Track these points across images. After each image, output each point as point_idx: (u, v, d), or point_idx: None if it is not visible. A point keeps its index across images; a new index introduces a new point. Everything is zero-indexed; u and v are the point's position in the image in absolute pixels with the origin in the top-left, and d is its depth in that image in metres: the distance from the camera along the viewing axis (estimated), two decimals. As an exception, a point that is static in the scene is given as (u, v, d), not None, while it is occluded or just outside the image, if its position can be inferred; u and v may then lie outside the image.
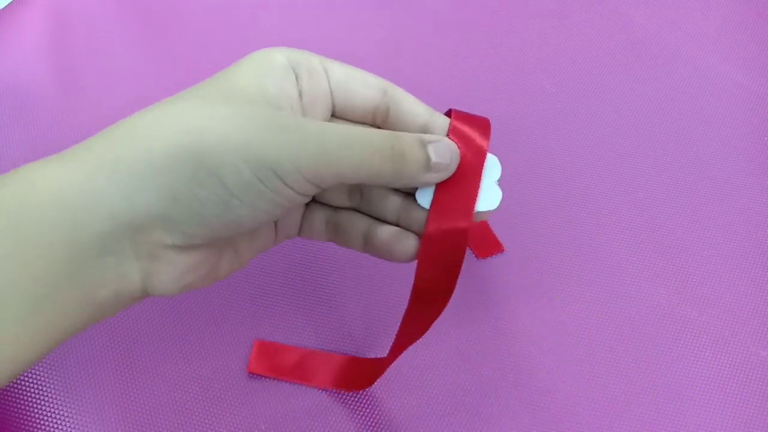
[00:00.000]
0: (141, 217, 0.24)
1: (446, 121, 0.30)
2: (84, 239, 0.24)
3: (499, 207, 0.30)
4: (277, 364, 0.37)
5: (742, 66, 0.48)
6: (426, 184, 0.29)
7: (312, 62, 0.29)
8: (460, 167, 0.29)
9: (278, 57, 0.28)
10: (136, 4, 0.49)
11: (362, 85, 0.29)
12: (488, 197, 0.29)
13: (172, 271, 0.26)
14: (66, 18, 0.48)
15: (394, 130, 0.30)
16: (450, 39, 0.49)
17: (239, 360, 0.38)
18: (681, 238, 0.42)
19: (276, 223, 0.32)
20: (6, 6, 0.48)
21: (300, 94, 0.28)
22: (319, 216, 0.32)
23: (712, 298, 0.40)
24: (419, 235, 0.29)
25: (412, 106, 0.30)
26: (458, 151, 0.29)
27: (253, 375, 0.37)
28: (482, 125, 0.31)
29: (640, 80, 0.48)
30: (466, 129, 0.30)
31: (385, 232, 0.30)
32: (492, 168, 0.30)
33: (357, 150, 0.26)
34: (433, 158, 0.28)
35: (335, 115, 0.30)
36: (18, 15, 0.48)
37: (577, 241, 0.42)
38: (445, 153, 0.28)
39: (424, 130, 0.30)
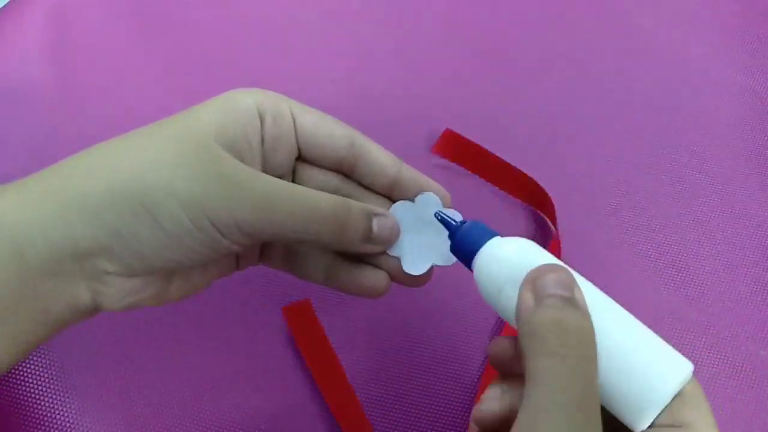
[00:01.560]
0: (84, 246, 0.25)
1: (414, 173, 0.31)
2: (31, 264, 0.25)
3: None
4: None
5: (742, 66, 0.48)
6: (364, 253, 0.29)
7: (280, 108, 0.29)
8: None
9: (247, 100, 0.28)
10: (136, 4, 0.49)
11: (329, 136, 0.30)
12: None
13: (116, 293, 0.27)
14: (65, 18, 0.48)
15: (362, 181, 0.31)
16: (449, 40, 0.49)
17: (240, 359, 0.38)
18: (681, 238, 0.42)
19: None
20: (5, 5, 0.48)
21: (262, 139, 0.29)
22: (277, 247, 0.32)
23: (712, 299, 0.40)
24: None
25: (380, 159, 0.30)
26: (399, 227, 0.29)
27: (253, 374, 0.37)
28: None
29: (641, 81, 0.48)
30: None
31: (351, 267, 0.30)
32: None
33: (302, 214, 0.27)
34: (375, 230, 0.28)
35: (302, 159, 0.31)
36: (17, 15, 0.48)
37: (576, 241, 0.42)
38: (387, 228, 0.29)
39: (393, 183, 0.30)
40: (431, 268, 0.30)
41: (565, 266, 0.24)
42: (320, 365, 0.37)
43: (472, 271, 0.27)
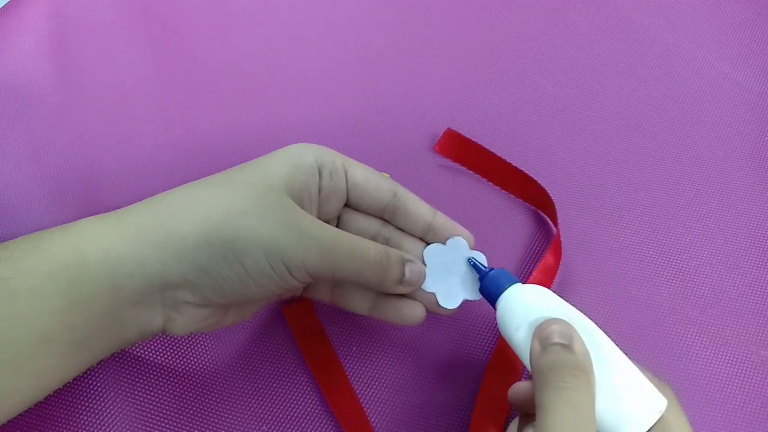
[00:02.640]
0: (173, 282, 0.30)
1: (446, 220, 0.35)
2: (122, 295, 0.29)
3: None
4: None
5: (743, 66, 0.48)
6: (396, 292, 0.34)
7: (336, 164, 0.34)
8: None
9: (308, 157, 0.33)
10: (136, 4, 0.49)
11: (376, 189, 0.34)
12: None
13: (187, 320, 0.31)
14: (66, 17, 0.48)
15: (400, 226, 0.35)
16: (450, 40, 0.49)
17: (242, 359, 0.38)
18: (682, 237, 0.42)
19: None
20: (5, 5, 0.48)
21: (320, 190, 0.33)
22: (326, 283, 0.36)
23: (713, 298, 0.41)
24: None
25: (418, 208, 0.35)
26: (425, 271, 0.34)
27: (256, 375, 0.37)
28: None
29: (641, 80, 0.48)
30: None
31: (393, 300, 0.35)
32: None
33: (356, 260, 0.31)
34: (407, 275, 0.33)
35: (349, 205, 0.35)
36: (18, 14, 0.48)
37: (577, 241, 0.42)
38: (416, 273, 0.34)
39: (428, 228, 0.35)
40: (462, 302, 0.35)
41: (572, 315, 0.30)
42: (321, 364, 0.37)
43: (495, 309, 0.32)
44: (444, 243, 0.35)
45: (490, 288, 0.33)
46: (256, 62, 0.47)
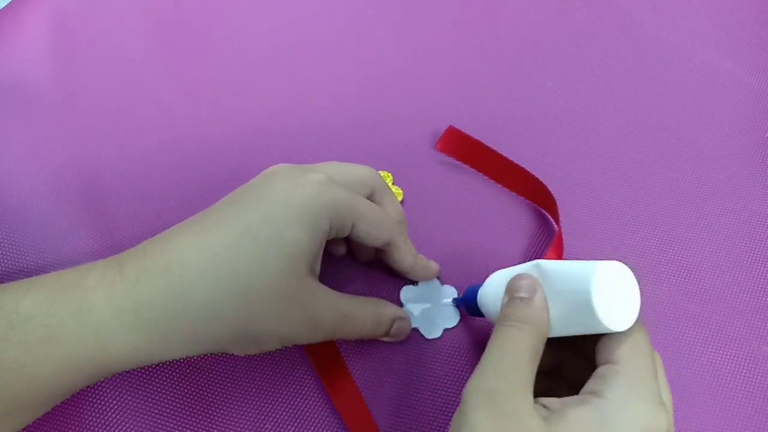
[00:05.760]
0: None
1: (427, 264, 0.39)
2: (109, 360, 0.31)
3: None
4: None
5: (744, 63, 0.49)
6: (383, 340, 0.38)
7: (346, 224, 0.34)
8: None
9: (324, 222, 0.32)
10: (137, 5, 0.49)
11: (375, 239, 0.35)
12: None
13: None
14: (66, 18, 0.48)
15: (390, 261, 0.38)
16: (451, 39, 0.49)
17: (246, 358, 0.38)
18: (683, 234, 0.42)
19: None
20: (6, 5, 0.48)
21: (328, 233, 0.33)
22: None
23: (715, 294, 0.41)
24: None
25: (404, 254, 0.37)
26: (410, 325, 0.38)
27: (260, 374, 0.37)
28: None
29: (642, 78, 0.48)
30: None
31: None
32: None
33: (355, 324, 0.35)
34: (393, 330, 0.37)
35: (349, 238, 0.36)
36: (19, 15, 0.48)
37: (579, 238, 0.42)
38: (402, 329, 0.37)
39: (408, 269, 0.38)
40: (443, 331, 0.39)
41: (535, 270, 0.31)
42: (325, 362, 0.37)
43: (483, 316, 0.35)
44: (415, 284, 0.40)
45: (470, 297, 0.36)
46: (259, 62, 0.47)
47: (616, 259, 0.30)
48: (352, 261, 0.40)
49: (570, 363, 0.33)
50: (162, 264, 0.30)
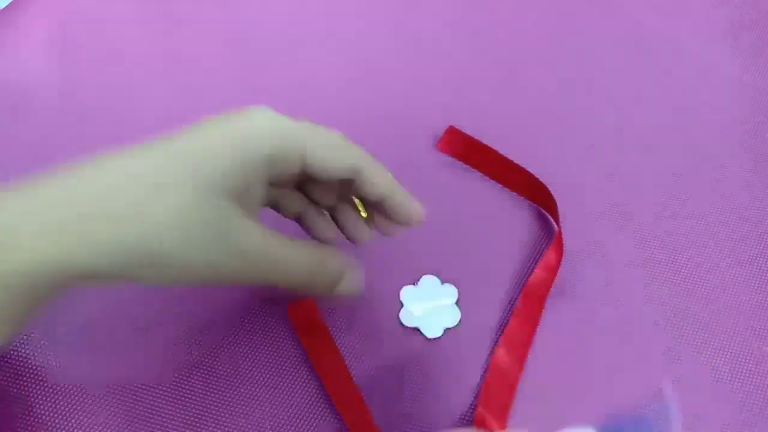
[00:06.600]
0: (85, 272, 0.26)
1: (403, 198, 0.33)
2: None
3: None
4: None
5: (744, 63, 0.49)
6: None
7: (295, 152, 0.29)
8: None
9: (263, 147, 0.28)
10: (138, 5, 0.49)
11: (338, 165, 0.30)
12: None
13: None
14: (67, 18, 0.48)
15: (363, 193, 0.32)
16: (452, 38, 0.49)
17: (246, 358, 0.38)
18: (683, 233, 0.42)
19: None
20: (7, 6, 0.48)
21: (269, 163, 0.29)
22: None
23: (715, 294, 0.41)
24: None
25: (379, 175, 0.32)
26: (362, 286, 0.33)
27: (260, 373, 0.37)
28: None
29: (642, 77, 0.48)
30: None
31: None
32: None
33: (279, 270, 0.29)
34: (340, 288, 0.32)
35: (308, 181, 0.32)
36: (19, 15, 0.48)
37: (579, 239, 0.42)
38: (354, 283, 0.33)
39: (387, 193, 0.32)
40: (444, 331, 0.39)
41: None
42: (324, 362, 0.37)
43: None
44: (416, 284, 0.40)
45: None
46: (261, 62, 0.47)
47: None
48: (347, 255, 0.40)
49: None
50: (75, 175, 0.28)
